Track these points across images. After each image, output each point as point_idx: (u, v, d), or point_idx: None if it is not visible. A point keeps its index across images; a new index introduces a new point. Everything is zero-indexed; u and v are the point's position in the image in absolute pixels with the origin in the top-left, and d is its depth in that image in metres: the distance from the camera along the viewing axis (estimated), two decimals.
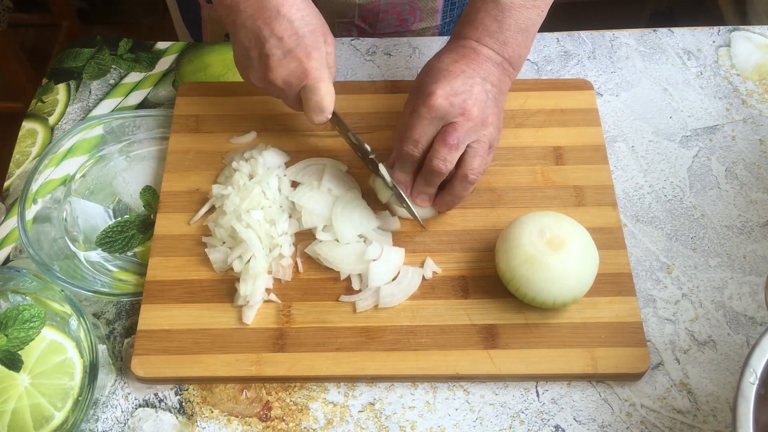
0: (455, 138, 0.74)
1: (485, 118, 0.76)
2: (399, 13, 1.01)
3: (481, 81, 0.76)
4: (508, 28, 0.77)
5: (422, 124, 0.75)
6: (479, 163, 0.77)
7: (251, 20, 0.74)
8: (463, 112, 0.74)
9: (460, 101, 0.74)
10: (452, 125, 0.75)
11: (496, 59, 0.78)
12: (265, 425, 0.73)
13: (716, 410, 0.73)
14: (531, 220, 0.75)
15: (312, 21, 0.76)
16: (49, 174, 0.88)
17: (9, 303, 0.76)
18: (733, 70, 0.97)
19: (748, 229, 0.84)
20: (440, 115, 0.75)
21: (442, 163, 0.75)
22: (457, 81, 0.75)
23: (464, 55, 0.77)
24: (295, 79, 0.75)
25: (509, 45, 0.78)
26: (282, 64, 0.74)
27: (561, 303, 0.74)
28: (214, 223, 0.81)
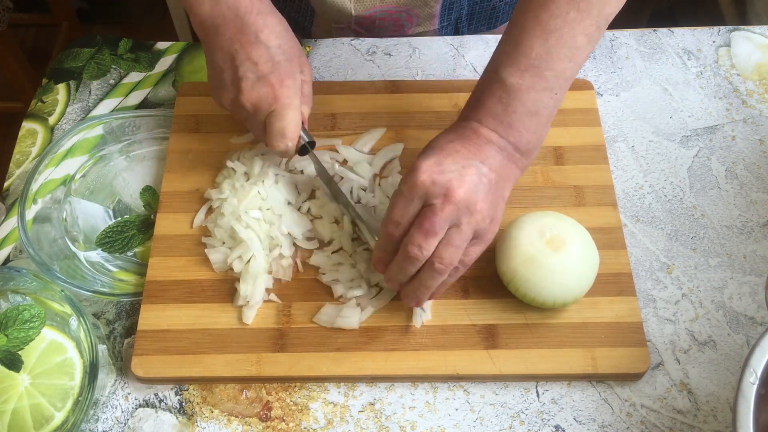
0: (431, 223, 0.66)
1: (472, 203, 0.67)
2: (395, 20, 1.01)
3: (477, 164, 0.68)
4: (513, 110, 0.69)
5: (402, 203, 0.68)
6: (451, 253, 0.68)
7: (229, 43, 0.74)
8: (445, 193, 0.66)
9: (444, 180, 0.66)
10: (431, 208, 0.67)
11: (500, 143, 0.70)
12: (265, 425, 0.73)
13: (716, 410, 0.73)
14: (531, 220, 0.75)
15: (289, 50, 0.76)
16: (49, 174, 0.87)
17: (9, 303, 0.76)
18: (733, 70, 0.97)
19: (748, 229, 0.84)
20: (421, 194, 0.67)
21: (417, 249, 0.67)
22: (447, 159, 0.68)
23: (463, 136, 0.70)
24: (264, 104, 0.74)
25: (515, 129, 0.70)
26: (254, 87, 0.74)
27: (561, 303, 0.74)
28: (214, 224, 0.81)
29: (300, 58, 0.77)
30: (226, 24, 0.74)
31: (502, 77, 0.69)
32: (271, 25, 0.75)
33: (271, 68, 0.74)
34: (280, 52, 0.75)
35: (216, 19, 0.74)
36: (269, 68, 0.74)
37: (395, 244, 0.70)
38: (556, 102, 0.71)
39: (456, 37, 1.00)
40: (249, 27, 0.74)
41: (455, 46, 0.99)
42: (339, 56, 0.98)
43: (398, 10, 1.00)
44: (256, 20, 0.74)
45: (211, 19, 0.74)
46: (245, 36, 0.74)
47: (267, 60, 0.74)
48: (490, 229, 0.70)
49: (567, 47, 0.68)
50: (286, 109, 0.74)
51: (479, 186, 0.68)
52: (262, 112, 0.75)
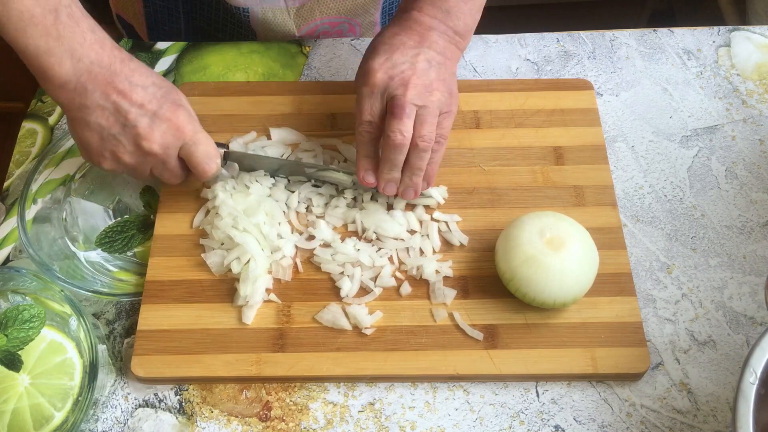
0: (400, 107, 0.73)
1: (428, 83, 0.74)
2: (339, 32, 1.02)
3: (424, 50, 0.75)
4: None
5: (368, 102, 0.75)
6: (428, 129, 0.75)
7: (103, 98, 0.71)
8: (404, 83, 0.74)
9: (398, 73, 0.74)
10: (395, 97, 0.73)
11: (440, 27, 0.77)
12: (265, 425, 0.73)
13: (716, 410, 0.73)
14: (531, 220, 0.75)
15: (161, 83, 0.75)
16: (49, 174, 0.87)
17: (9, 303, 0.76)
18: (733, 70, 0.97)
19: (748, 229, 0.84)
20: (381, 91, 0.74)
21: (399, 134, 0.73)
22: (396, 53, 0.75)
23: (406, 27, 0.77)
24: (171, 139, 0.74)
25: (453, 13, 0.77)
26: (153, 128, 0.73)
27: (561, 303, 0.74)
28: (211, 225, 0.81)
29: (175, 91, 0.76)
30: (95, 79, 0.71)
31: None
32: (137, 68, 0.74)
33: (158, 104, 0.73)
34: (156, 88, 0.74)
35: (81, 77, 0.70)
36: (157, 105, 0.73)
37: (374, 143, 0.77)
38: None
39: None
40: (119, 75, 0.72)
41: None
42: (339, 56, 0.98)
43: (340, 21, 1.00)
44: (122, 68, 0.72)
45: (76, 78, 0.70)
46: (119, 84, 0.72)
47: (151, 98, 0.73)
48: (452, 101, 0.77)
49: None
50: (197, 134, 0.75)
51: (430, 69, 0.75)
52: (172, 148, 0.75)
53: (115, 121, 0.72)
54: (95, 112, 0.72)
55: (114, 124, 0.73)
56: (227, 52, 0.99)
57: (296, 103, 0.91)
